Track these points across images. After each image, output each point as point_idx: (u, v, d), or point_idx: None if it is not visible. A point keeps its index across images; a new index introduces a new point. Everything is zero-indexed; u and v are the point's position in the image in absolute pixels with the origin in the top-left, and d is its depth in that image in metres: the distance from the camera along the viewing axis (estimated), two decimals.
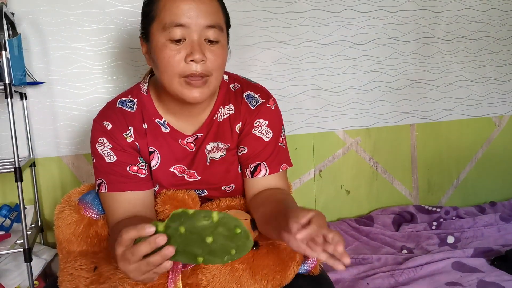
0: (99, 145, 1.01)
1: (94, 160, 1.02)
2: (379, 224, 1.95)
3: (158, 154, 1.04)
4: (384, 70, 2.04)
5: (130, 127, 1.02)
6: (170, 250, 0.69)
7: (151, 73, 1.12)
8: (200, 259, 0.72)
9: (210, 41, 0.93)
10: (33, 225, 1.57)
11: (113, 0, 1.62)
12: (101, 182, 1.00)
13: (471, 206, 2.14)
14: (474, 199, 2.26)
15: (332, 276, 1.44)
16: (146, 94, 1.05)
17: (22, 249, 1.33)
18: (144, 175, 1.02)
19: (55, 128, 1.62)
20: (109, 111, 1.04)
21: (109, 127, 1.01)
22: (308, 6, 1.88)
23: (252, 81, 1.12)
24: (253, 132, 1.06)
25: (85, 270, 0.98)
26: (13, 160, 1.32)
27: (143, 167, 1.02)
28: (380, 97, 2.05)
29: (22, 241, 1.33)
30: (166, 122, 1.05)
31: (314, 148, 1.98)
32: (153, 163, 1.04)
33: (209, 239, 0.70)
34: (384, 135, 2.08)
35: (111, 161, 1.00)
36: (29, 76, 1.55)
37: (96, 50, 1.63)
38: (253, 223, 1.00)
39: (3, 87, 1.28)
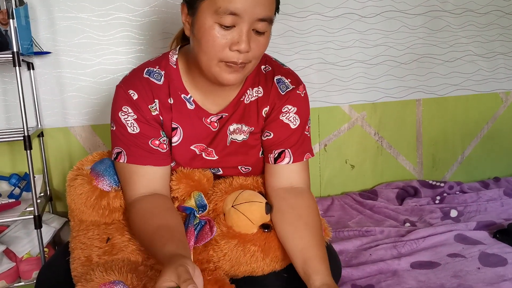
0: (123, 114, 0.99)
1: (115, 128, 1.01)
2: (383, 198, 1.97)
3: (181, 131, 1.03)
4: (392, 44, 2.02)
5: (156, 100, 1.00)
6: None
7: (180, 39, 1.10)
8: None
9: (258, 32, 0.90)
10: (42, 194, 1.60)
11: None
12: (121, 152, 0.99)
13: (475, 182, 2.15)
14: (478, 175, 2.27)
15: (336, 247, 1.46)
16: (175, 66, 1.03)
17: (32, 216, 1.35)
18: (165, 150, 1.01)
19: (62, 99, 1.63)
20: (136, 79, 1.01)
21: (135, 97, 0.99)
22: None
23: (284, 65, 1.10)
24: (281, 118, 1.05)
25: (98, 240, 0.99)
26: (22, 129, 1.33)
27: (164, 142, 1.02)
28: (386, 71, 2.04)
29: (32, 208, 1.36)
30: (192, 99, 1.03)
31: (320, 123, 1.98)
32: (174, 139, 1.03)
33: None
34: (390, 110, 2.08)
35: (134, 132, 0.99)
36: (36, 46, 1.55)
37: (102, 20, 1.62)
38: (268, 206, 1.01)
39: (10, 55, 1.29)
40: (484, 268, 1.34)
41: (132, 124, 0.99)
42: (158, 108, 1.01)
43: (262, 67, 1.07)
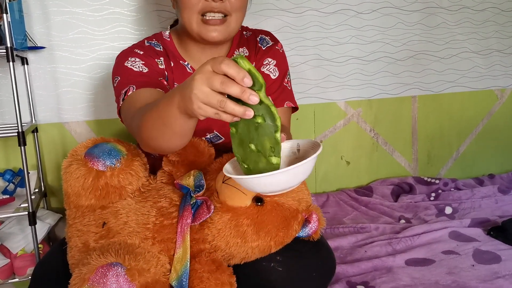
0: (128, 62, 1.03)
1: (119, 78, 1.01)
2: (378, 195, 1.97)
3: None
4: (388, 40, 2.02)
5: (161, 57, 1.08)
6: (251, 113, 0.62)
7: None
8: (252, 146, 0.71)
9: None
10: (36, 190, 1.59)
11: None
12: (128, 88, 0.97)
13: (470, 178, 2.16)
14: (473, 172, 2.28)
15: (331, 243, 1.47)
16: (169, 39, 1.13)
17: (26, 213, 1.35)
18: None
19: (57, 94, 1.61)
20: (138, 45, 1.09)
21: (141, 53, 1.05)
22: None
23: (261, 29, 1.22)
24: (262, 70, 1.14)
25: (94, 226, 0.99)
26: (16, 124, 1.32)
27: (169, 89, 1.05)
28: (382, 68, 2.04)
29: (26, 204, 1.35)
30: (189, 65, 1.12)
31: (315, 119, 1.98)
32: None
33: (252, 146, 0.70)
34: (386, 106, 2.08)
35: (143, 71, 1.01)
36: (30, 40, 1.53)
37: (97, 15, 1.61)
38: None
39: (4, 51, 1.27)
40: (478, 265, 1.34)
41: (140, 66, 1.02)
42: (163, 64, 1.08)
43: (244, 33, 1.19)
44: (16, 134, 1.30)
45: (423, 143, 2.18)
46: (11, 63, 1.27)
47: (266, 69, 1.15)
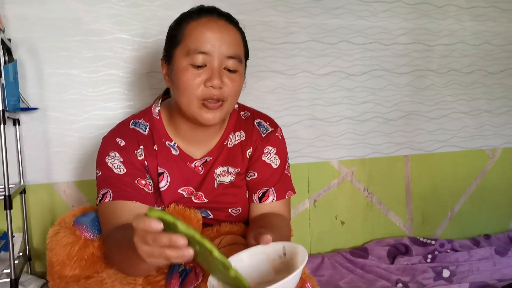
0: (109, 158, 1.02)
1: (100, 173, 1.02)
2: (374, 256, 1.93)
3: (168, 175, 1.07)
4: (379, 101, 2.05)
5: (141, 146, 1.05)
6: (190, 253, 0.65)
7: (163, 96, 1.16)
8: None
9: (229, 70, 0.99)
10: (20, 253, 1.53)
11: (111, 28, 1.63)
12: (106, 192, 0.99)
13: (466, 239, 2.13)
14: (468, 231, 2.25)
15: None
16: (158, 117, 1.09)
17: (8, 280, 1.28)
18: (150, 191, 1.04)
19: (47, 155, 1.59)
20: (123, 130, 1.07)
21: (122, 143, 1.03)
22: (305, 38, 1.90)
23: (260, 111, 1.19)
24: (263, 159, 1.12)
25: None
26: (3, 187, 1.29)
27: (150, 184, 1.04)
28: (375, 127, 2.05)
29: (9, 270, 1.29)
30: (176, 145, 1.08)
31: (309, 178, 1.96)
32: (162, 184, 1.06)
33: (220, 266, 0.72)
34: (379, 165, 2.08)
35: (121, 173, 1.01)
36: (23, 101, 1.53)
37: (92, 77, 1.62)
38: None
39: None
40: None
41: (118, 166, 1.01)
42: (143, 154, 1.05)
43: (241, 113, 1.16)
44: (3, 197, 1.27)
45: (417, 202, 2.16)
46: (2, 126, 1.25)
47: (267, 158, 1.12)
